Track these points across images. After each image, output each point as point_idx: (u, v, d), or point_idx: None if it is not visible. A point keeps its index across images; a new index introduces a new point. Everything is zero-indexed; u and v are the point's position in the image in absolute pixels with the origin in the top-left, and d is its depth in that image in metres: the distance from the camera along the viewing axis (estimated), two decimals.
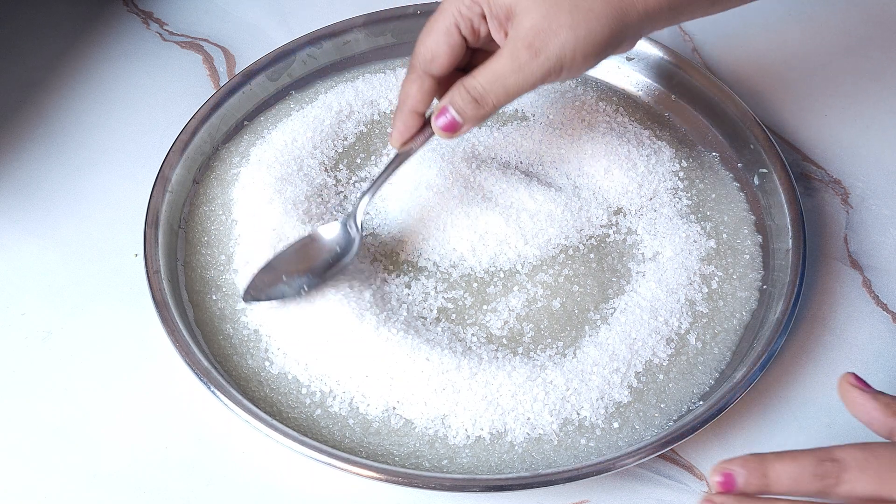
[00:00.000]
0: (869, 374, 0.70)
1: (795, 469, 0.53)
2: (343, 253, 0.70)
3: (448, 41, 0.66)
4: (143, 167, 0.79)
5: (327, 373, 0.67)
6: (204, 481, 0.65)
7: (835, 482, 0.52)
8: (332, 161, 0.79)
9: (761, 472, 0.53)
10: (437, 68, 0.66)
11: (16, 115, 0.84)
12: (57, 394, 0.69)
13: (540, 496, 0.65)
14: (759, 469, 0.54)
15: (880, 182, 0.82)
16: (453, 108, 0.66)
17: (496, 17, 0.64)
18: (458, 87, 0.66)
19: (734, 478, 0.54)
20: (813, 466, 0.53)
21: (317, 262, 0.70)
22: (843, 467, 0.52)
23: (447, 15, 0.65)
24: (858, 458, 0.52)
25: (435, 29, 0.66)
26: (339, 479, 0.63)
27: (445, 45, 0.66)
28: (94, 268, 0.75)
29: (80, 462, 0.66)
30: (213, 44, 0.90)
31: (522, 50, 0.63)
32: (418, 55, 0.67)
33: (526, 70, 0.63)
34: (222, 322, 0.70)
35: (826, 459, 0.53)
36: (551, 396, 0.66)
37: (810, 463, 0.53)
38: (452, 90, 0.66)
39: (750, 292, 0.73)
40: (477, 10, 0.65)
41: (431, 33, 0.66)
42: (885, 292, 0.75)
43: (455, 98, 0.66)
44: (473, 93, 0.65)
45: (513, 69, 0.63)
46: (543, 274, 0.73)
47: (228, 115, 0.81)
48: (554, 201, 0.76)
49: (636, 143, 0.80)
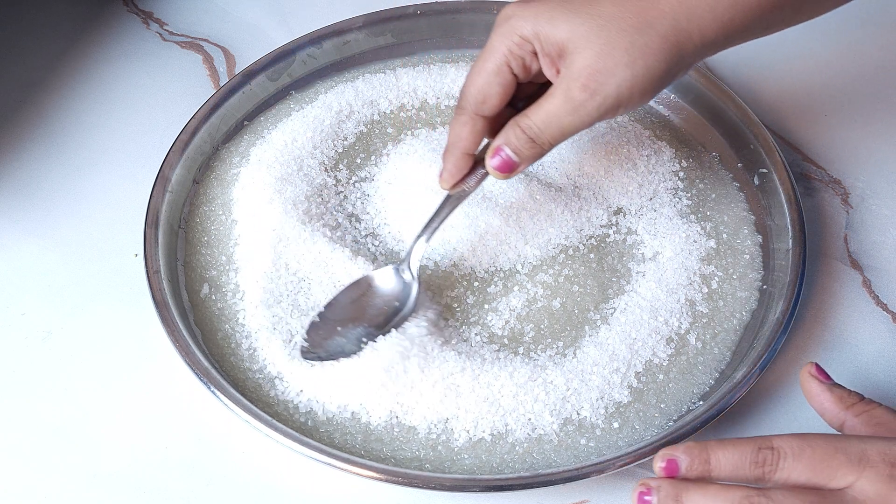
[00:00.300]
0: (869, 374, 0.70)
1: (736, 456, 0.55)
2: (401, 303, 0.68)
3: (500, 81, 0.64)
4: (143, 167, 0.79)
5: (327, 381, 0.67)
6: (204, 481, 0.65)
7: (772, 469, 0.55)
8: (332, 161, 0.79)
9: (703, 459, 0.56)
10: (489, 109, 0.65)
11: (16, 115, 0.84)
12: (57, 394, 0.69)
13: (540, 496, 0.65)
14: (702, 456, 0.56)
15: (880, 182, 0.82)
16: (509, 148, 0.64)
17: (548, 55, 0.62)
18: (513, 126, 0.64)
19: (677, 464, 0.56)
20: (752, 454, 0.55)
21: (373, 312, 0.68)
22: (779, 455, 0.55)
23: (497, 54, 0.63)
24: (794, 447, 0.55)
25: (485, 69, 0.64)
26: (339, 479, 0.63)
27: (497, 86, 0.64)
28: (94, 268, 0.75)
29: (80, 462, 0.66)
30: (213, 44, 0.90)
31: (577, 90, 0.61)
32: (468, 96, 0.65)
33: (581, 111, 0.61)
34: (222, 322, 0.70)
35: (765, 447, 0.55)
36: (552, 397, 0.66)
37: (750, 451, 0.55)
38: (507, 130, 0.64)
39: (750, 292, 0.73)
40: (528, 48, 0.63)
41: (481, 74, 0.64)
42: (885, 292, 0.75)
43: (510, 138, 0.64)
44: (529, 132, 0.63)
45: (568, 110, 0.62)
46: (543, 274, 0.73)
47: (228, 115, 0.81)
48: (554, 201, 0.76)
49: (636, 143, 0.80)
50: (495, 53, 0.63)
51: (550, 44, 0.62)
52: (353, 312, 0.68)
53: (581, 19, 0.61)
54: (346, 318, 0.68)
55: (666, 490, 0.56)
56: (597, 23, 0.60)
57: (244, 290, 0.71)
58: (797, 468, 0.55)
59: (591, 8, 0.61)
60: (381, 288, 0.69)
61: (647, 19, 0.60)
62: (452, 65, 0.86)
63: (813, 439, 0.56)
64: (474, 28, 0.88)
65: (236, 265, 0.73)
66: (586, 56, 0.60)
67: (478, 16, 0.87)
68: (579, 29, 0.61)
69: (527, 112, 0.63)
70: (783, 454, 0.55)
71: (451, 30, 0.88)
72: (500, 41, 0.63)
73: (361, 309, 0.68)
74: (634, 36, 0.60)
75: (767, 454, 0.55)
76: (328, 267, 0.72)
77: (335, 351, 0.66)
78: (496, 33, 0.64)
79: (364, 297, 0.69)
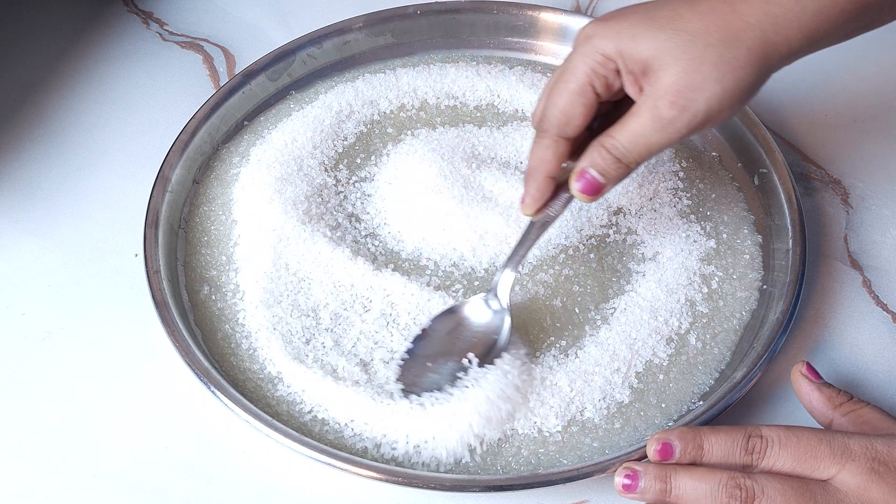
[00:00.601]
0: (869, 374, 0.70)
1: (728, 443, 0.59)
2: (496, 335, 0.67)
3: (583, 101, 0.62)
4: (143, 167, 0.79)
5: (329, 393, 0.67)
6: (204, 481, 0.65)
7: (759, 456, 0.58)
8: (332, 161, 0.79)
9: (697, 444, 0.59)
10: (572, 130, 0.63)
11: (16, 115, 0.84)
12: (57, 394, 0.69)
13: (540, 496, 0.65)
14: (695, 441, 0.59)
15: (880, 182, 0.82)
16: (595, 170, 0.63)
17: (631, 73, 0.61)
18: (598, 148, 0.62)
19: (672, 448, 0.60)
20: (742, 441, 0.59)
21: (465, 345, 0.67)
22: (767, 443, 0.58)
23: (579, 74, 0.61)
24: (781, 436, 0.58)
25: (567, 90, 0.62)
26: (339, 479, 0.63)
27: (581, 106, 0.62)
28: (94, 268, 0.75)
29: (80, 462, 0.66)
30: (213, 44, 0.90)
31: (666, 108, 0.59)
32: (550, 118, 0.63)
33: (671, 128, 0.60)
34: (222, 322, 0.70)
35: (754, 436, 0.59)
36: (556, 398, 0.66)
37: (741, 438, 0.59)
38: (591, 152, 0.63)
39: (750, 292, 0.73)
40: (611, 67, 0.61)
41: (563, 94, 0.62)
42: (885, 292, 0.75)
43: (596, 159, 0.62)
44: (615, 153, 0.62)
45: (656, 128, 0.60)
46: (544, 274, 0.73)
47: (228, 115, 0.81)
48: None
49: None
50: (577, 73, 0.61)
51: (634, 61, 0.60)
52: (444, 346, 0.67)
53: (666, 35, 0.59)
54: (436, 352, 0.67)
55: (654, 472, 0.59)
56: (682, 38, 0.59)
57: (244, 290, 0.71)
58: (783, 456, 0.58)
59: (675, 24, 0.59)
60: (471, 320, 0.68)
61: (734, 32, 0.59)
62: (452, 65, 0.86)
63: (800, 431, 0.59)
64: (474, 28, 0.88)
65: (236, 265, 0.73)
66: (673, 72, 0.59)
67: (478, 16, 0.87)
68: (665, 45, 0.59)
69: (611, 132, 0.62)
70: (770, 442, 0.58)
71: (451, 30, 0.88)
72: (582, 61, 0.61)
73: (452, 342, 0.67)
74: (722, 50, 0.58)
75: (756, 442, 0.58)
76: (328, 267, 0.72)
77: (430, 387, 0.65)
78: (577, 53, 0.62)
79: (455, 330, 0.68)
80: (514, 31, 0.88)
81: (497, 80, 0.85)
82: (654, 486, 0.59)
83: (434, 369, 0.66)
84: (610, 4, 0.95)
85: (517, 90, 0.84)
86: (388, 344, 0.69)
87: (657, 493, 0.59)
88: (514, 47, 0.88)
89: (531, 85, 0.84)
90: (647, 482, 0.59)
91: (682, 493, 0.58)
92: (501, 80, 0.85)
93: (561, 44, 0.87)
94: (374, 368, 0.68)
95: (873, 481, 0.56)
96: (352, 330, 0.69)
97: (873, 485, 0.56)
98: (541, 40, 0.88)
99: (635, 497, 0.60)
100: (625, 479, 0.60)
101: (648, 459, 0.61)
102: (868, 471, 0.56)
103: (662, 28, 0.59)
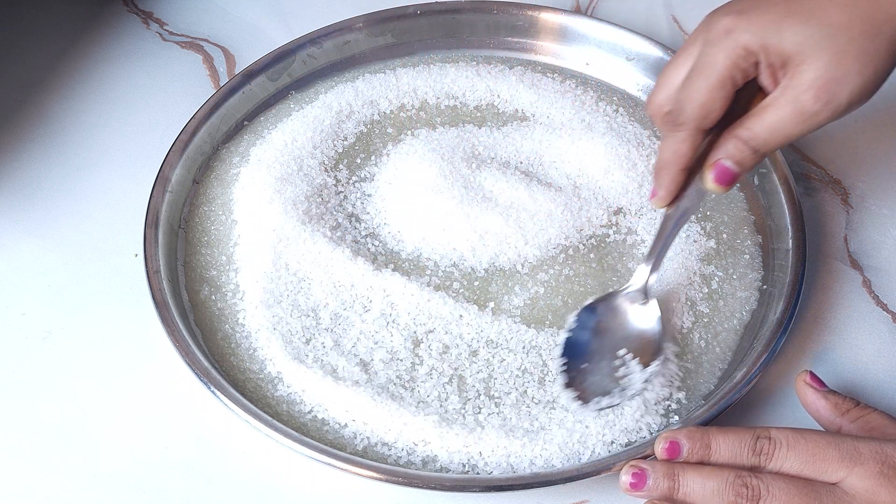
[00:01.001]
0: (869, 374, 0.70)
1: (735, 443, 0.59)
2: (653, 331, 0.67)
3: (723, 95, 0.61)
4: (143, 167, 0.79)
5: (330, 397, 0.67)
6: (204, 481, 0.65)
7: (767, 458, 0.58)
8: (332, 161, 0.79)
9: (704, 444, 0.59)
10: (710, 123, 0.62)
11: (16, 115, 0.84)
12: (57, 394, 0.69)
13: (540, 496, 0.65)
14: (703, 440, 0.60)
15: (880, 182, 0.82)
16: (731, 161, 0.62)
17: (771, 65, 0.60)
18: (733, 140, 0.62)
19: (679, 447, 0.60)
20: (751, 442, 0.59)
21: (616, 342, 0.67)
22: (776, 445, 0.58)
23: (721, 68, 0.60)
24: (790, 438, 0.58)
25: (708, 85, 0.61)
26: (339, 479, 0.63)
27: (721, 100, 0.61)
28: (94, 268, 0.75)
29: (80, 462, 0.66)
30: (213, 44, 0.90)
31: (810, 101, 0.59)
32: (689, 112, 0.62)
33: (812, 120, 0.60)
34: (222, 322, 0.70)
35: (762, 437, 0.59)
36: (560, 398, 0.66)
37: (749, 439, 0.59)
38: (726, 144, 0.62)
39: (750, 292, 0.73)
40: (752, 60, 0.60)
41: (703, 89, 0.61)
42: (885, 292, 0.75)
43: (731, 150, 0.62)
44: (752, 144, 0.61)
45: (798, 120, 0.60)
46: (544, 274, 0.73)
47: (228, 115, 0.81)
48: (554, 201, 0.76)
49: (636, 143, 0.80)
50: (719, 67, 0.61)
51: (777, 54, 0.60)
52: (597, 344, 0.67)
53: (810, 30, 0.59)
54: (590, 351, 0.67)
55: (661, 470, 0.59)
56: (827, 31, 0.59)
57: (244, 290, 0.71)
58: (790, 458, 0.58)
59: (819, 17, 0.59)
60: (621, 316, 0.68)
61: (876, 24, 0.59)
62: (452, 65, 0.86)
63: (809, 433, 0.59)
64: (474, 28, 0.88)
65: (236, 265, 0.73)
66: (818, 66, 0.59)
67: (478, 16, 0.87)
68: (809, 39, 0.59)
69: (745, 124, 0.61)
70: (779, 444, 0.58)
71: (451, 30, 0.88)
72: (723, 54, 0.60)
73: (601, 341, 0.68)
74: (865, 42, 0.59)
75: (764, 443, 0.58)
76: (328, 267, 0.72)
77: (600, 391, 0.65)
78: (717, 47, 0.61)
79: (606, 325, 0.68)
80: (514, 31, 0.88)
81: (497, 80, 0.85)
82: (661, 483, 0.59)
83: (593, 371, 0.66)
84: (609, 4, 0.95)
85: (517, 90, 0.84)
86: (388, 344, 0.69)
87: (665, 490, 0.59)
88: (514, 47, 0.88)
89: (531, 85, 0.84)
90: (655, 480, 0.59)
91: (690, 490, 0.58)
92: (501, 80, 0.85)
93: (561, 44, 0.87)
94: (374, 368, 0.68)
95: (882, 485, 0.56)
96: (352, 330, 0.69)
97: (882, 489, 0.56)
98: (541, 40, 0.88)
99: (642, 495, 0.60)
100: (632, 478, 0.59)
101: (653, 458, 0.61)
102: (877, 474, 0.56)
103: (807, 22, 0.59)
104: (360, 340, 0.69)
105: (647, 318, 0.68)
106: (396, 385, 0.67)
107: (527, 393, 0.67)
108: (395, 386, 0.67)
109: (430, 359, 0.68)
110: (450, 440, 0.64)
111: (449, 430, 0.64)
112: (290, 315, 0.70)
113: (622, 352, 0.66)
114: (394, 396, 0.66)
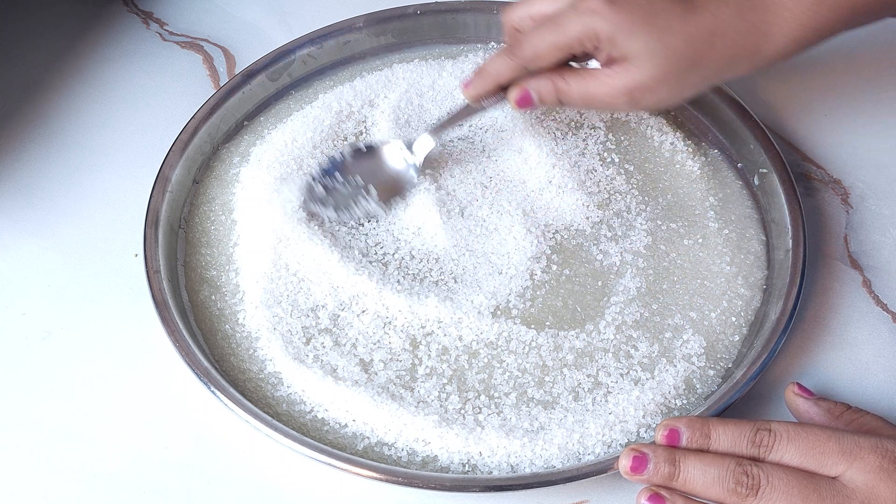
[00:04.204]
0: (869, 374, 0.70)
1: (735, 434, 0.59)
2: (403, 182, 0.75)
3: (559, 56, 0.70)
4: (143, 167, 0.79)
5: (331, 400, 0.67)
6: (204, 481, 0.65)
7: (767, 449, 0.58)
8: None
9: (704, 433, 0.60)
10: (536, 69, 0.71)
11: (16, 115, 0.84)
12: (57, 394, 0.69)
13: (540, 496, 0.65)
14: (703, 429, 0.60)
15: (880, 182, 0.82)
16: (537, 95, 0.71)
17: (608, 55, 0.68)
18: (548, 82, 0.70)
19: (679, 434, 0.60)
20: (751, 433, 0.59)
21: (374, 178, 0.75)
22: (776, 437, 0.58)
23: (569, 34, 0.68)
24: (791, 431, 0.58)
25: (552, 41, 0.69)
26: (339, 479, 0.63)
27: (555, 58, 0.70)
28: (94, 268, 0.75)
29: (80, 462, 0.66)
30: (213, 44, 0.90)
31: (622, 94, 0.68)
32: (526, 52, 0.70)
33: (614, 105, 0.70)
34: (222, 322, 0.70)
35: (763, 429, 0.59)
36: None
37: (749, 430, 0.59)
38: (543, 80, 0.71)
39: (753, 292, 0.73)
40: (595, 45, 0.68)
41: (546, 43, 0.69)
42: (885, 292, 0.75)
43: (542, 90, 0.71)
44: (561, 96, 0.70)
45: (605, 101, 0.70)
46: (544, 274, 0.73)
47: (228, 115, 0.81)
48: (552, 201, 0.76)
49: None
50: (568, 33, 0.68)
51: (619, 50, 0.67)
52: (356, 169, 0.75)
53: (654, 44, 0.67)
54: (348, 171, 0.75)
55: (663, 454, 0.59)
56: (664, 52, 0.67)
57: (244, 290, 0.71)
58: (790, 450, 0.58)
59: (666, 38, 0.67)
60: (387, 161, 0.76)
61: (703, 60, 0.68)
62: (450, 60, 0.85)
63: (809, 427, 0.59)
64: (474, 28, 0.88)
65: (236, 265, 0.73)
66: (643, 73, 0.67)
67: (478, 16, 0.87)
68: (649, 51, 0.67)
69: (566, 78, 0.70)
70: (779, 436, 0.58)
71: (451, 30, 0.88)
72: (578, 27, 0.68)
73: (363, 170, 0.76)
74: (689, 73, 0.68)
75: (765, 435, 0.59)
76: (328, 267, 0.72)
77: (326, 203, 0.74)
78: (577, 18, 0.68)
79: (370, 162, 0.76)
80: None
81: None
82: (662, 468, 0.58)
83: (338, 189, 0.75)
84: None
85: None
86: (387, 344, 0.69)
87: (665, 475, 0.58)
88: None
89: None
90: (656, 464, 0.59)
91: (690, 476, 0.58)
92: None
93: None
94: (374, 368, 0.68)
95: (882, 480, 0.56)
96: (351, 330, 0.69)
97: (882, 483, 0.56)
98: None
99: (642, 479, 0.59)
100: (632, 462, 0.59)
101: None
102: (877, 469, 0.56)
103: (655, 37, 0.67)
104: (359, 340, 0.69)
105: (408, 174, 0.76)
106: (396, 385, 0.67)
107: (526, 393, 0.67)
108: (396, 386, 0.67)
109: (430, 359, 0.68)
110: (450, 440, 0.64)
111: (449, 430, 0.64)
112: (290, 315, 0.70)
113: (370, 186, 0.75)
114: (394, 396, 0.66)
